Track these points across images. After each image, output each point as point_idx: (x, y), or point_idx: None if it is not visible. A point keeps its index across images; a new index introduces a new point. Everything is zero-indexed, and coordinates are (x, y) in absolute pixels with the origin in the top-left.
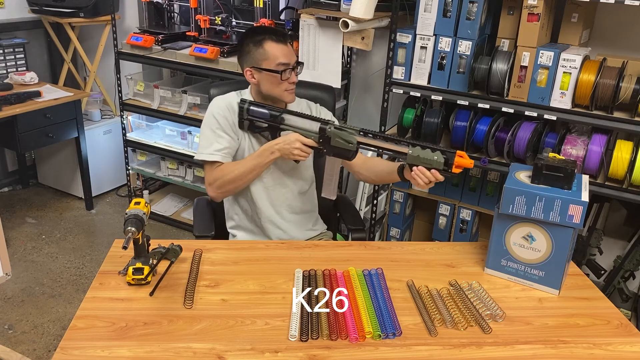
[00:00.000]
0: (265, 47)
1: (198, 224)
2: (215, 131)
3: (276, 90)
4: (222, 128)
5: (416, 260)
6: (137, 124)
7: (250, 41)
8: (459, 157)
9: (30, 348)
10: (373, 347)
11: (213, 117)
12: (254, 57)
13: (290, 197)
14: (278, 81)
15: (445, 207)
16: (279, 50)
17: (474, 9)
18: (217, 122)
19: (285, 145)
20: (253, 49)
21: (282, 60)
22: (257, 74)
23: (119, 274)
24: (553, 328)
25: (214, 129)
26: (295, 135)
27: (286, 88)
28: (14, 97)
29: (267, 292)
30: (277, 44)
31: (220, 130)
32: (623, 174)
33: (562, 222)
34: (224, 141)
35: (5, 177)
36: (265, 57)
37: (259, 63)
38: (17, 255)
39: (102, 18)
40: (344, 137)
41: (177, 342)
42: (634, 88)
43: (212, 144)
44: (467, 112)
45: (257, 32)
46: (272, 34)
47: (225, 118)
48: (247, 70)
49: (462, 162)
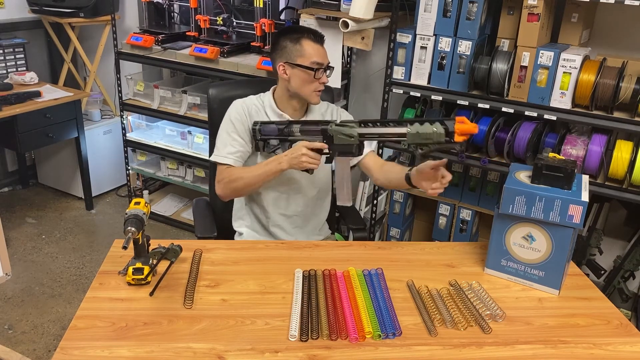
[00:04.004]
0: (303, 44)
1: (200, 224)
2: (231, 134)
3: (305, 88)
4: (237, 132)
5: (416, 260)
6: (137, 124)
7: (288, 37)
8: (459, 123)
9: (30, 348)
10: (373, 347)
11: (230, 120)
12: (290, 52)
13: (302, 204)
14: (310, 79)
15: (445, 207)
16: (315, 50)
17: (474, 9)
18: (233, 125)
19: (292, 155)
20: (290, 44)
21: (317, 60)
22: (290, 70)
23: (119, 274)
24: (553, 328)
25: (229, 132)
26: (301, 142)
27: (315, 88)
28: (14, 97)
29: (267, 292)
30: (314, 43)
31: (235, 134)
32: (623, 174)
33: (562, 222)
34: (238, 145)
35: (5, 177)
36: (301, 53)
37: (293, 59)
38: (17, 255)
39: (102, 18)
40: (345, 132)
41: (177, 342)
42: (634, 88)
43: (226, 147)
44: (467, 112)
45: (295, 30)
46: (311, 32)
47: (241, 123)
48: (280, 65)
49: (463, 127)
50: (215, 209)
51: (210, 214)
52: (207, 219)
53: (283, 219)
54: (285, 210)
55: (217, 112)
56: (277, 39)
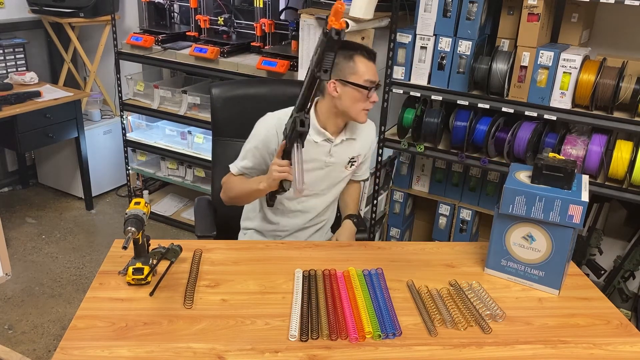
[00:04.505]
0: (356, 61)
1: (199, 223)
2: (252, 149)
3: (355, 107)
4: (259, 149)
5: (416, 260)
6: (137, 124)
7: (340, 53)
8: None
9: (30, 348)
10: (373, 347)
11: (256, 135)
12: (342, 69)
13: (319, 207)
14: (361, 98)
15: (445, 207)
16: (369, 67)
17: (474, 9)
18: (257, 141)
19: (268, 175)
20: (342, 61)
21: (370, 78)
22: (341, 87)
23: (119, 274)
24: (553, 328)
25: (252, 146)
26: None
27: (365, 107)
28: (14, 97)
29: (267, 292)
30: (367, 60)
31: (256, 150)
32: (623, 174)
33: (562, 222)
34: (255, 162)
35: (5, 177)
36: (354, 71)
37: (346, 76)
38: (17, 255)
39: (102, 18)
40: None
41: (177, 342)
42: (634, 88)
43: (244, 160)
44: (467, 112)
45: (347, 46)
46: (364, 49)
47: (264, 143)
48: (332, 82)
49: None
50: (218, 208)
51: (211, 213)
52: (208, 218)
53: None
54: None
55: (220, 111)
56: None
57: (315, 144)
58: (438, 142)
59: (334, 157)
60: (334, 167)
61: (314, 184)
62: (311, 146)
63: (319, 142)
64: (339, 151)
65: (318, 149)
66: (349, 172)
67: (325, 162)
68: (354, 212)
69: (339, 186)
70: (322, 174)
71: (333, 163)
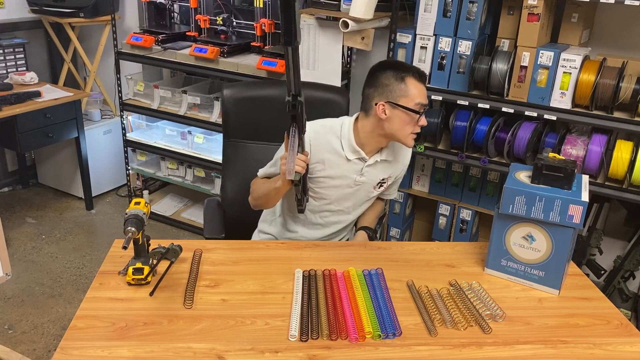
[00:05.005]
0: (408, 83)
1: (208, 225)
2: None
3: (403, 131)
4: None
5: (416, 260)
6: (137, 124)
7: (391, 74)
8: None
9: (30, 348)
10: (373, 347)
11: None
12: (393, 91)
13: (340, 224)
14: (411, 122)
15: (445, 207)
16: (420, 90)
17: (474, 9)
18: None
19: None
20: (394, 82)
21: (421, 101)
22: (391, 110)
23: (119, 274)
24: (553, 328)
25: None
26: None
27: (413, 130)
28: (14, 97)
29: (267, 292)
30: (418, 83)
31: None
32: (623, 174)
33: (562, 222)
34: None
35: (5, 177)
36: (405, 94)
37: (396, 99)
38: (17, 255)
39: (102, 18)
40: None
41: (177, 342)
42: (634, 88)
43: (270, 167)
44: (467, 112)
45: (398, 67)
46: (416, 72)
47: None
48: (381, 104)
49: None
50: (227, 210)
51: (220, 215)
52: (216, 220)
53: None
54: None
55: (232, 113)
56: (378, 74)
57: (348, 161)
58: (438, 142)
59: (365, 176)
60: (363, 187)
61: (339, 201)
62: (343, 162)
63: (352, 160)
64: (371, 171)
65: (350, 166)
66: (376, 192)
67: (355, 180)
68: (370, 225)
69: (364, 206)
70: (350, 192)
71: (363, 182)
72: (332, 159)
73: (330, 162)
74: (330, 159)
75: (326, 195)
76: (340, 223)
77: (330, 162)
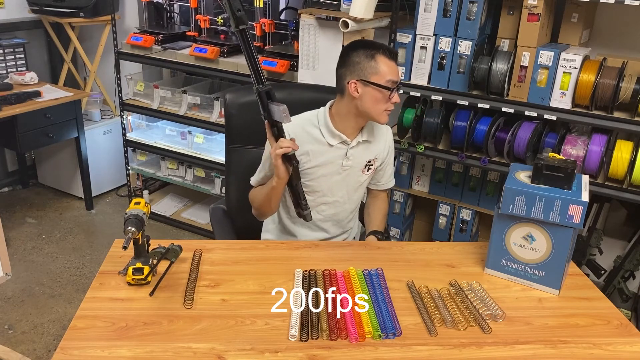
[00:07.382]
0: (378, 60)
1: (219, 233)
2: (268, 157)
3: (377, 108)
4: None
5: (416, 260)
6: (137, 124)
7: (361, 52)
8: None
9: (30, 348)
10: (373, 347)
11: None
12: (364, 69)
13: (339, 216)
14: (383, 99)
15: (445, 207)
16: (391, 67)
17: (474, 9)
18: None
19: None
20: (364, 60)
21: (392, 78)
22: (362, 88)
23: (119, 274)
24: (553, 328)
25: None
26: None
27: (386, 108)
28: (14, 97)
29: (267, 292)
30: (389, 60)
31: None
32: (623, 174)
33: (562, 222)
34: (268, 170)
35: (5, 177)
36: (376, 71)
37: (367, 76)
38: (17, 255)
39: (102, 18)
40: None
41: (177, 342)
42: (634, 88)
43: (260, 172)
44: (467, 112)
45: (368, 45)
46: (386, 49)
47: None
48: (352, 82)
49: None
50: (234, 217)
51: (228, 222)
52: (226, 227)
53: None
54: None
55: (235, 117)
56: (348, 53)
57: (330, 147)
58: (438, 142)
59: (351, 160)
60: (351, 171)
61: (331, 190)
62: (326, 149)
63: (334, 145)
64: (355, 154)
65: (334, 152)
66: (366, 176)
67: (342, 165)
68: (379, 228)
69: (359, 192)
70: (339, 178)
71: (350, 167)
72: (315, 148)
73: (314, 152)
74: (314, 149)
75: (317, 186)
76: (338, 215)
77: (314, 152)
